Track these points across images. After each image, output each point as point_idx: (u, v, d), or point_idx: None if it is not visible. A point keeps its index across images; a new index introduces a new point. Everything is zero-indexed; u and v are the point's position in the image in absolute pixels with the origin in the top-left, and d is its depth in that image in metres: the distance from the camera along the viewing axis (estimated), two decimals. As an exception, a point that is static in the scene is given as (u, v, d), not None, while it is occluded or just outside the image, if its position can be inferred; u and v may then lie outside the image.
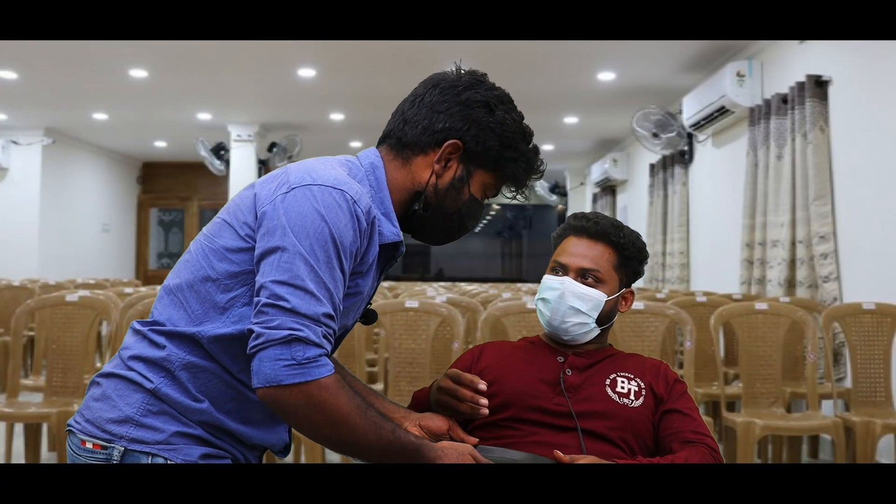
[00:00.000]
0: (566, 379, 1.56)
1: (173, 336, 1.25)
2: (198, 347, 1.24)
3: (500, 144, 1.34)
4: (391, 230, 1.31)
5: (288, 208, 1.20)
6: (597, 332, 1.62)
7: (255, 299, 1.18)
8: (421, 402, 1.59)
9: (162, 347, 1.24)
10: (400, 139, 1.35)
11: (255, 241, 1.23)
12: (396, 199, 1.34)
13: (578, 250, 1.62)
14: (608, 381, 1.57)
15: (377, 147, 1.39)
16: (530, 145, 1.39)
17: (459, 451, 1.29)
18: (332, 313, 1.18)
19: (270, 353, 1.14)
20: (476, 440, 1.43)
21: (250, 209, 1.25)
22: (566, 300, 1.59)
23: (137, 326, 1.30)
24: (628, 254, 1.64)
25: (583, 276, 1.61)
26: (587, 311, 1.59)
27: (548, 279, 1.64)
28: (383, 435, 1.20)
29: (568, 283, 1.60)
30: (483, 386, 1.46)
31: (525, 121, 1.42)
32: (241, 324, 1.23)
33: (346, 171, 1.29)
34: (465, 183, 1.35)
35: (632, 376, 1.59)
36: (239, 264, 1.24)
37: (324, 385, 1.15)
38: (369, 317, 1.44)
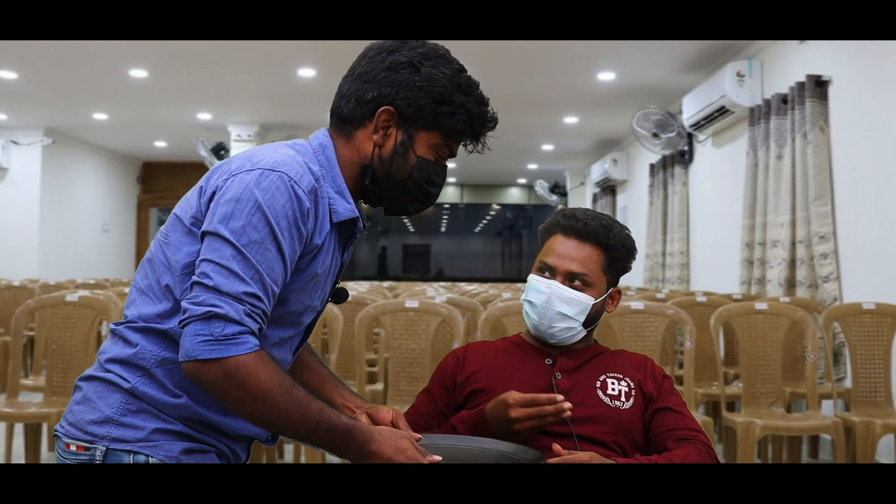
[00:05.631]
0: (557, 383, 1.55)
1: (148, 332, 1.26)
2: (172, 342, 1.25)
3: (433, 101, 1.32)
4: (346, 207, 1.32)
5: (224, 194, 1.22)
6: (583, 333, 1.61)
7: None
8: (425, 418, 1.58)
9: (134, 345, 1.26)
10: (339, 116, 1.35)
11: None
12: (349, 175, 1.34)
13: (567, 251, 1.59)
14: (599, 384, 1.56)
15: (328, 127, 1.39)
16: (471, 97, 1.35)
17: (396, 436, 1.26)
18: (258, 293, 1.19)
19: (191, 329, 1.16)
20: (419, 436, 1.37)
21: (196, 201, 1.27)
22: (553, 305, 1.56)
23: (112, 326, 1.32)
24: (617, 254, 1.61)
25: (570, 279, 1.57)
26: (574, 316, 1.57)
27: (534, 281, 1.60)
28: (309, 415, 1.20)
29: (555, 287, 1.57)
30: (567, 405, 1.41)
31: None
32: None
33: (294, 153, 1.29)
34: (408, 147, 1.34)
35: (621, 376, 1.58)
36: (190, 255, 1.25)
37: (241, 362, 1.15)
38: (340, 295, 1.44)
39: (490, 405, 1.46)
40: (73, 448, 1.25)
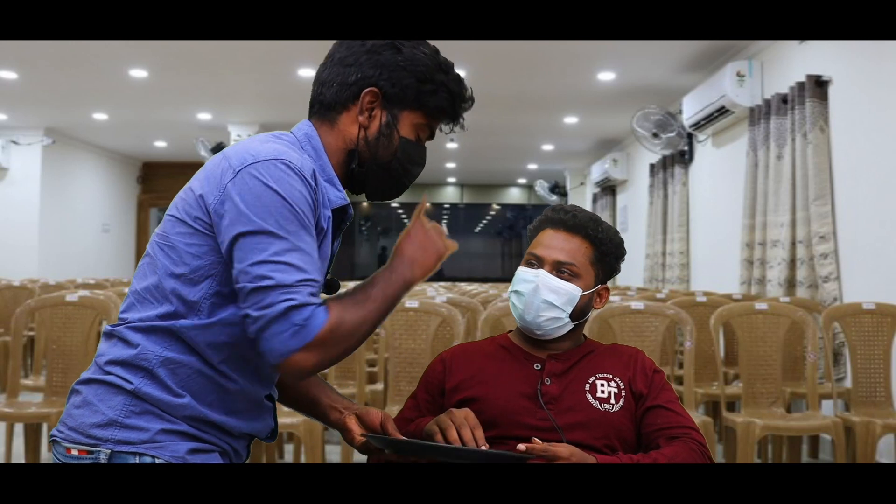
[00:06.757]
0: (546, 390, 1.54)
1: (149, 331, 1.25)
2: (176, 341, 1.24)
3: (416, 80, 1.35)
4: (337, 195, 1.33)
5: (241, 192, 1.21)
6: (570, 327, 1.59)
7: (239, 286, 1.19)
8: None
9: (135, 346, 1.25)
10: (321, 103, 1.37)
11: (211, 231, 1.24)
12: (335, 163, 1.36)
13: (555, 243, 1.59)
14: (588, 387, 1.55)
15: (309, 119, 1.40)
16: (450, 75, 1.38)
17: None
18: (315, 277, 1.21)
19: (273, 331, 1.16)
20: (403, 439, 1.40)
21: (197, 203, 1.26)
22: (540, 294, 1.56)
23: (109, 329, 1.30)
24: (605, 249, 1.61)
25: (558, 269, 1.57)
26: (561, 306, 1.56)
27: (522, 272, 1.60)
28: (380, 299, 1.27)
29: (543, 275, 1.57)
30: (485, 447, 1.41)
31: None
32: (215, 314, 1.24)
33: (285, 143, 1.30)
34: (392, 128, 1.36)
35: (610, 376, 1.57)
36: (199, 257, 1.24)
37: (331, 326, 1.18)
38: (332, 286, 1.45)
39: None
40: (74, 452, 1.23)
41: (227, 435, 1.31)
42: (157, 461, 1.22)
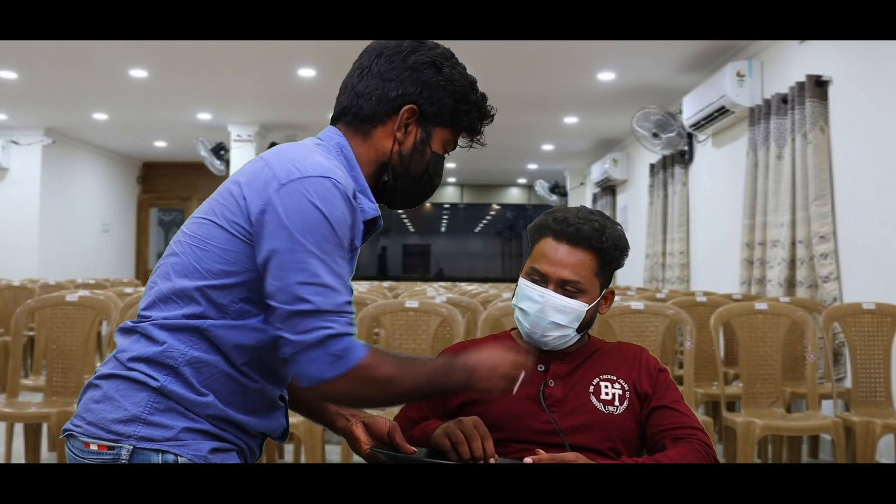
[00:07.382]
0: (550, 392, 1.53)
1: (174, 329, 1.24)
2: (201, 340, 1.24)
3: (454, 100, 1.38)
4: (370, 206, 1.34)
5: (286, 206, 1.21)
6: (577, 338, 1.59)
7: (275, 304, 1.20)
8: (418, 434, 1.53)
9: (160, 343, 1.24)
10: (356, 114, 1.37)
11: (249, 238, 1.24)
12: (366, 173, 1.37)
13: (558, 257, 1.54)
14: (592, 389, 1.55)
15: (334, 125, 1.40)
16: (478, 94, 1.42)
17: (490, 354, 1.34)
18: (350, 299, 1.23)
19: (308, 356, 1.19)
20: (414, 449, 1.41)
21: (239, 209, 1.25)
22: (547, 315, 1.53)
23: (130, 325, 1.29)
24: (610, 257, 1.57)
25: (563, 286, 1.54)
26: (567, 324, 1.54)
27: (526, 288, 1.56)
28: (423, 374, 1.28)
29: (548, 296, 1.53)
30: (493, 461, 1.39)
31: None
32: (244, 318, 1.25)
33: (328, 155, 1.30)
34: (426, 144, 1.39)
35: (614, 378, 1.56)
36: (235, 263, 1.24)
37: (364, 364, 1.21)
38: None
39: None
40: (93, 447, 1.22)
41: (245, 434, 1.31)
42: (181, 459, 1.22)
